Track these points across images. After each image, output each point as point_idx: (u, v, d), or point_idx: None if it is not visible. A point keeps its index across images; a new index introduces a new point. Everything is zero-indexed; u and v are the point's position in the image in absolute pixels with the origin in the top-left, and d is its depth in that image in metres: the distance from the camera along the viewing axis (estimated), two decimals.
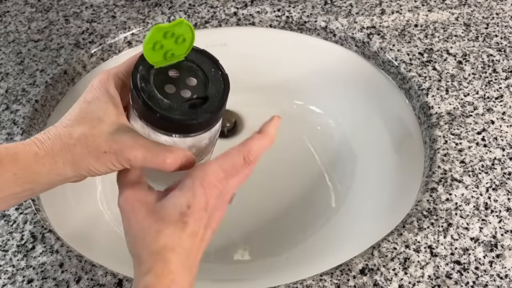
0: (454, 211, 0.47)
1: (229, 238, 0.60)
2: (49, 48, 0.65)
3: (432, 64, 0.60)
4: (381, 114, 0.64)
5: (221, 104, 0.38)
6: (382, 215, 0.55)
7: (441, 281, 0.42)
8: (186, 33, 0.36)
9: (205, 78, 0.38)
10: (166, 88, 0.37)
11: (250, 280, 0.55)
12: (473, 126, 0.54)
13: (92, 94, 0.37)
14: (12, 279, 0.43)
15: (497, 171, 0.50)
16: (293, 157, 0.68)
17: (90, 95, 0.37)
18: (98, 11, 0.70)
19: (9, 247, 0.46)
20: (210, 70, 0.39)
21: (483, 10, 0.68)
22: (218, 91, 0.38)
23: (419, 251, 0.44)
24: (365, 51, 0.65)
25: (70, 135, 0.35)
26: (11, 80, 0.61)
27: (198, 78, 0.38)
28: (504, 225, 0.46)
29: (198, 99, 0.37)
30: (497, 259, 0.44)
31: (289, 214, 0.62)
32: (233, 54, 0.71)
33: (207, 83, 0.38)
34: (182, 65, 0.38)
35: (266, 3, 0.70)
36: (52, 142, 0.35)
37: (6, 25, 0.69)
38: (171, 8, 0.69)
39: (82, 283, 0.43)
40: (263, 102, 0.72)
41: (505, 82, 0.58)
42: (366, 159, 0.63)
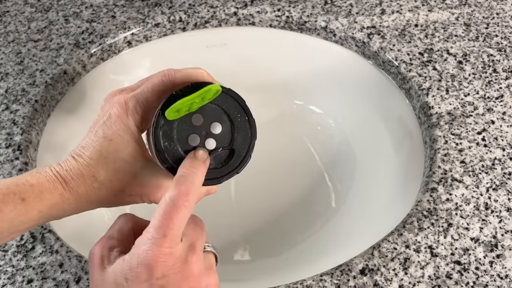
0: (454, 211, 0.47)
1: (229, 238, 0.60)
2: (49, 48, 0.65)
3: (432, 64, 0.60)
4: (381, 114, 0.64)
5: (247, 158, 0.35)
6: (382, 215, 0.55)
7: (441, 281, 0.42)
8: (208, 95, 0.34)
9: (231, 124, 0.35)
10: (190, 140, 0.35)
11: (250, 280, 0.55)
12: (473, 126, 0.54)
13: (112, 130, 0.34)
14: (11, 279, 0.43)
15: (497, 171, 0.50)
16: (293, 157, 0.68)
17: (110, 131, 0.34)
18: (98, 11, 0.70)
19: (8, 247, 0.46)
20: (236, 115, 0.35)
21: (483, 10, 0.68)
22: (244, 141, 0.36)
23: (419, 251, 0.44)
24: (365, 51, 0.65)
25: (94, 177, 0.34)
26: (11, 80, 0.61)
27: (223, 124, 0.35)
28: (505, 225, 0.46)
29: (224, 150, 0.35)
30: (497, 259, 0.44)
31: (289, 214, 0.62)
32: (233, 54, 0.71)
33: (233, 130, 0.35)
34: (206, 108, 0.35)
35: (266, 3, 0.70)
36: (76, 184, 0.34)
37: (5, 25, 0.69)
38: (171, 8, 0.69)
39: (82, 283, 0.43)
40: (263, 102, 0.72)
41: (505, 82, 0.58)
42: (366, 159, 0.63)
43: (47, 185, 0.33)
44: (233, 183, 0.66)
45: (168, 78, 0.35)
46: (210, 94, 0.33)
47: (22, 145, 0.54)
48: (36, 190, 0.33)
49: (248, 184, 0.65)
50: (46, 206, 0.33)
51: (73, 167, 0.34)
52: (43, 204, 0.33)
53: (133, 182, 0.35)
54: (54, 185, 0.33)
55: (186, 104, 0.33)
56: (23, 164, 0.52)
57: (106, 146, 0.34)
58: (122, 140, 0.34)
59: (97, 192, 0.34)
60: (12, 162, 0.52)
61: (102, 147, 0.34)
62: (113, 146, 0.34)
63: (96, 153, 0.34)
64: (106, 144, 0.34)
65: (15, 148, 0.53)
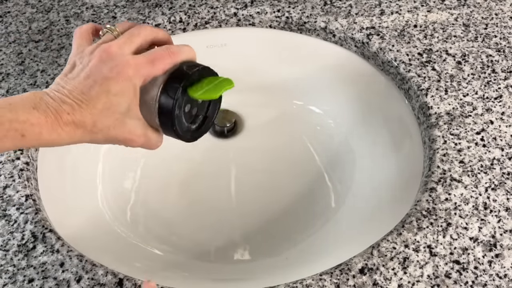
0: (453, 211, 0.47)
1: (229, 238, 0.60)
2: (49, 48, 0.65)
3: (431, 64, 0.61)
4: (381, 114, 0.64)
5: (211, 125, 0.46)
6: (381, 215, 0.55)
7: (440, 281, 0.42)
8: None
9: None
10: (186, 108, 0.42)
11: (250, 280, 0.55)
12: (472, 126, 0.54)
13: (119, 87, 0.38)
14: (13, 279, 0.44)
15: (496, 171, 0.50)
16: (293, 157, 0.68)
17: (117, 87, 0.38)
18: (99, 11, 0.70)
19: (10, 246, 0.46)
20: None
21: (482, 10, 0.68)
22: (213, 112, 0.45)
23: (418, 250, 0.44)
24: (365, 52, 0.65)
25: (95, 124, 0.38)
26: (12, 80, 0.61)
27: None
28: (503, 224, 0.46)
29: (200, 117, 0.44)
30: (496, 258, 0.44)
31: (289, 214, 0.62)
32: (233, 54, 0.71)
33: (209, 101, 0.45)
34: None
35: (266, 3, 0.70)
36: (75, 128, 0.38)
37: (7, 26, 0.69)
38: (171, 8, 0.70)
39: (82, 282, 0.43)
40: (263, 102, 0.72)
41: (504, 82, 0.59)
42: (366, 159, 0.64)
43: (47, 128, 0.37)
44: (233, 183, 0.66)
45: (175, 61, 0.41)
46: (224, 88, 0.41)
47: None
48: (36, 130, 0.36)
49: (248, 184, 0.65)
50: (43, 142, 0.37)
51: (77, 114, 0.37)
52: (40, 141, 0.37)
53: (125, 131, 0.40)
54: (53, 128, 0.37)
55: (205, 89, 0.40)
56: (24, 164, 0.52)
57: (110, 99, 0.38)
58: (125, 97, 0.39)
59: (93, 135, 0.39)
60: (13, 162, 0.52)
61: (108, 99, 0.38)
62: (117, 100, 0.38)
63: (100, 104, 0.38)
64: (111, 98, 0.38)
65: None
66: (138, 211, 0.62)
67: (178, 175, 0.65)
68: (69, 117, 0.37)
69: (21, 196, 0.49)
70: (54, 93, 0.38)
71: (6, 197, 0.49)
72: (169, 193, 0.64)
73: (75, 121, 0.37)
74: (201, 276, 0.56)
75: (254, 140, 0.70)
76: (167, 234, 0.60)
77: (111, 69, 0.38)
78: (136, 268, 0.54)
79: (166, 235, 0.60)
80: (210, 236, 0.60)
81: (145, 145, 0.42)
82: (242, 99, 0.71)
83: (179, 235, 0.60)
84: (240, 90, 0.72)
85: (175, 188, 0.65)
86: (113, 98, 0.38)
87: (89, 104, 0.37)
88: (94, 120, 0.38)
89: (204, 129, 0.45)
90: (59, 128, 0.37)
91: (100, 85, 0.38)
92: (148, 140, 0.42)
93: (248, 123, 0.71)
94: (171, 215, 0.62)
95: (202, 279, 0.55)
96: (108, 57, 0.39)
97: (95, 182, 0.62)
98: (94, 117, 0.38)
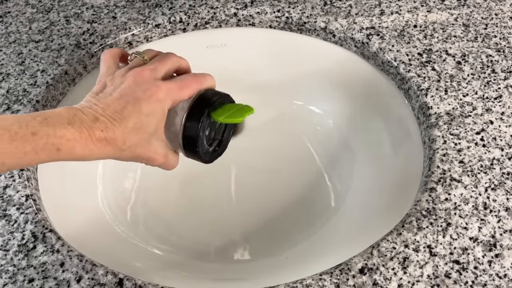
0: (453, 211, 0.47)
1: (229, 238, 0.60)
2: (50, 48, 0.65)
3: (431, 64, 0.61)
4: (381, 115, 0.64)
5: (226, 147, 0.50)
6: (382, 215, 0.55)
7: (440, 281, 0.42)
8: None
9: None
10: (207, 131, 0.46)
11: (250, 279, 0.55)
12: (472, 126, 0.54)
13: (150, 108, 0.41)
14: (13, 279, 0.44)
15: (496, 171, 0.50)
16: (292, 157, 0.68)
17: (148, 108, 0.41)
18: (99, 11, 0.70)
19: (10, 246, 0.46)
20: None
21: (482, 10, 0.68)
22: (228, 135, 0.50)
23: (418, 250, 0.44)
24: (365, 52, 0.65)
25: (125, 142, 0.40)
26: (12, 80, 0.61)
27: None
28: (503, 224, 0.46)
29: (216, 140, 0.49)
30: (496, 258, 0.44)
31: (289, 214, 0.62)
32: (233, 55, 0.71)
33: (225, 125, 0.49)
34: None
35: (266, 3, 0.70)
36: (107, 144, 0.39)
37: (7, 26, 0.69)
38: (172, 8, 0.70)
39: (82, 282, 0.43)
40: (263, 102, 0.72)
41: (504, 82, 0.59)
42: (366, 159, 0.64)
43: (80, 143, 0.38)
44: (233, 183, 0.66)
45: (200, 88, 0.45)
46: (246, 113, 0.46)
47: None
48: (70, 145, 0.38)
49: (248, 183, 0.65)
50: (76, 156, 0.39)
51: (109, 132, 0.39)
52: (73, 155, 0.38)
53: (150, 150, 0.42)
54: (86, 144, 0.38)
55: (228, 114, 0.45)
56: None
57: (141, 120, 0.40)
58: (155, 118, 0.41)
59: (121, 152, 0.41)
60: None
61: (138, 119, 0.40)
62: (147, 121, 0.41)
63: (132, 123, 0.40)
64: (142, 118, 0.40)
65: None
66: (138, 211, 0.62)
67: (178, 175, 0.65)
68: (102, 134, 0.39)
69: (21, 196, 0.50)
70: (87, 110, 0.40)
71: (6, 197, 0.50)
72: (169, 193, 0.64)
73: (107, 138, 0.39)
74: (201, 276, 0.56)
75: (254, 140, 0.70)
76: (167, 234, 0.60)
77: (144, 91, 0.41)
78: (136, 268, 0.54)
79: (166, 235, 0.60)
80: (210, 236, 0.60)
81: (163, 165, 0.45)
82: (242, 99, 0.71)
83: (179, 235, 0.60)
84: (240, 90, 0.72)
85: (175, 188, 0.65)
86: (144, 118, 0.40)
87: (122, 123, 0.39)
88: (124, 138, 0.40)
89: (220, 151, 0.49)
90: (91, 144, 0.38)
91: (132, 105, 0.40)
92: (167, 160, 0.45)
93: (248, 123, 0.71)
94: (171, 215, 0.62)
95: (202, 279, 0.56)
96: (142, 80, 0.41)
97: (95, 182, 0.62)
98: (125, 135, 0.40)
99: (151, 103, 0.41)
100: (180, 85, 0.43)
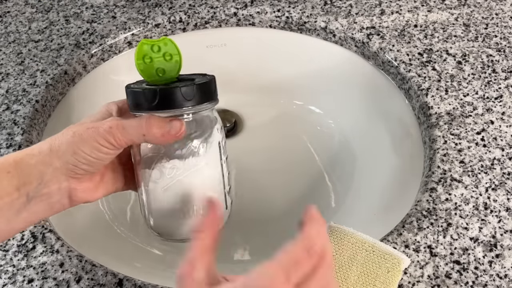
0: (453, 211, 0.47)
1: (229, 238, 0.60)
2: (49, 48, 0.65)
3: (431, 64, 0.61)
4: (381, 114, 0.64)
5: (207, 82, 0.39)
6: (382, 215, 0.55)
7: (440, 281, 0.42)
8: (172, 51, 0.38)
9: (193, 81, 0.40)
10: None
11: None
12: (472, 126, 0.54)
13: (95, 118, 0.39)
14: (12, 279, 0.43)
15: (497, 171, 0.50)
16: (293, 157, 0.68)
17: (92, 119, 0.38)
18: (99, 11, 0.70)
19: (9, 247, 0.46)
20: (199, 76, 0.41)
21: (482, 10, 0.68)
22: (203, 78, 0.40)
23: (418, 251, 0.44)
24: (365, 51, 0.65)
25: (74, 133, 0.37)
26: (12, 80, 0.61)
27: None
28: (504, 225, 0.46)
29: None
30: (496, 259, 0.44)
31: (289, 214, 0.62)
32: (233, 54, 0.71)
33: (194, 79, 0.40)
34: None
35: (266, 3, 0.70)
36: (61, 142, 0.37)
37: (6, 26, 0.69)
38: (171, 8, 0.70)
39: (82, 283, 0.43)
40: (263, 102, 0.72)
41: (504, 82, 0.58)
42: (366, 159, 0.63)
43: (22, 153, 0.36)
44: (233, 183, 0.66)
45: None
46: (167, 46, 0.38)
47: (23, 145, 0.54)
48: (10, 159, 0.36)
49: (248, 183, 0.65)
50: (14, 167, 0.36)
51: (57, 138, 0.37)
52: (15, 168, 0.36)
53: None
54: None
55: (146, 47, 0.38)
56: None
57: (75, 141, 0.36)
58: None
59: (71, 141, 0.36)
60: None
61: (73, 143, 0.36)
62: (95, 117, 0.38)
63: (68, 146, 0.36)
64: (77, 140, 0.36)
65: (16, 148, 0.54)
66: (138, 211, 0.61)
67: None
68: None
69: None
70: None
71: None
72: None
73: None
74: None
75: (254, 140, 0.70)
76: None
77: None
78: (136, 268, 0.53)
79: None
80: None
81: None
82: (242, 99, 0.71)
83: None
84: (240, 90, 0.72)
85: None
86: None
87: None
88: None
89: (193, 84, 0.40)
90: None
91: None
92: None
93: (248, 123, 0.71)
94: None
95: None
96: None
97: None
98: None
99: None
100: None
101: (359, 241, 0.42)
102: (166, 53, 0.38)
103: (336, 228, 0.43)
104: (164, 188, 0.39)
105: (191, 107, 0.37)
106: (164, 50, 0.38)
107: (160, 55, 0.38)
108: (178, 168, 0.38)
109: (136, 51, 0.38)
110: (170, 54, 0.38)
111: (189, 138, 0.39)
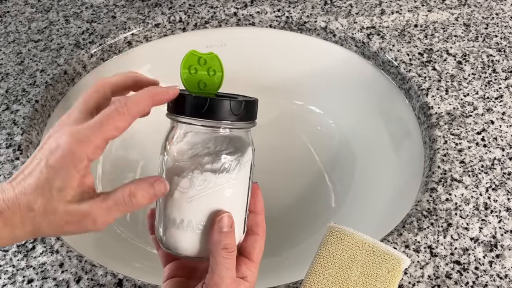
0: (454, 211, 0.47)
1: None
2: (49, 48, 0.65)
3: (432, 64, 0.60)
4: (381, 114, 0.64)
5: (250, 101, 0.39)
6: (382, 215, 0.55)
7: (441, 281, 0.42)
8: (217, 67, 0.39)
9: None
10: None
11: None
12: (472, 126, 0.54)
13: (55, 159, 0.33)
14: (12, 279, 0.43)
15: (497, 171, 0.50)
16: (293, 157, 0.68)
17: (54, 159, 0.33)
18: (98, 11, 0.70)
19: (9, 247, 0.46)
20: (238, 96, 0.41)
21: (482, 10, 0.68)
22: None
23: (418, 251, 0.44)
24: (365, 51, 0.65)
25: (30, 206, 0.33)
26: (11, 80, 0.61)
27: None
28: (504, 225, 0.46)
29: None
30: (496, 259, 0.44)
31: (289, 214, 0.62)
32: (233, 54, 0.71)
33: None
34: None
35: (266, 3, 0.70)
36: (12, 212, 0.33)
37: (6, 25, 0.69)
38: (171, 8, 0.70)
39: (82, 283, 0.43)
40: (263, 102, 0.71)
41: (504, 82, 0.58)
42: (366, 159, 0.63)
43: None
44: None
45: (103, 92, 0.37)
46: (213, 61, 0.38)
47: (23, 145, 0.54)
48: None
49: None
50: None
51: (10, 196, 0.33)
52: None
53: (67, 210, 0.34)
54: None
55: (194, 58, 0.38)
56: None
57: (45, 174, 0.33)
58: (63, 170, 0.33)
59: (33, 220, 0.33)
60: (13, 162, 0.52)
61: (42, 174, 0.33)
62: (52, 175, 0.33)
63: (35, 180, 0.33)
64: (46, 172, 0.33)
65: (15, 148, 0.53)
66: (138, 211, 0.61)
67: None
68: None
69: None
70: None
71: None
72: None
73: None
74: None
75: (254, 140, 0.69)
76: None
77: None
78: (136, 268, 0.53)
79: None
80: None
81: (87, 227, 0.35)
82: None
83: None
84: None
85: None
86: None
87: None
88: None
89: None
90: None
91: None
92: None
93: None
94: None
95: None
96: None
97: (95, 182, 0.61)
98: None
99: None
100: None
101: (359, 241, 0.41)
102: (211, 68, 0.39)
103: (336, 228, 0.43)
104: (190, 199, 0.38)
105: (236, 122, 0.38)
106: (209, 64, 0.39)
107: (205, 68, 0.39)
108: (209, 181, 0.37)
109: (183, 60, 0.38)
110: (214, 69, 0.39)
111: (221, 154, 0.38)
